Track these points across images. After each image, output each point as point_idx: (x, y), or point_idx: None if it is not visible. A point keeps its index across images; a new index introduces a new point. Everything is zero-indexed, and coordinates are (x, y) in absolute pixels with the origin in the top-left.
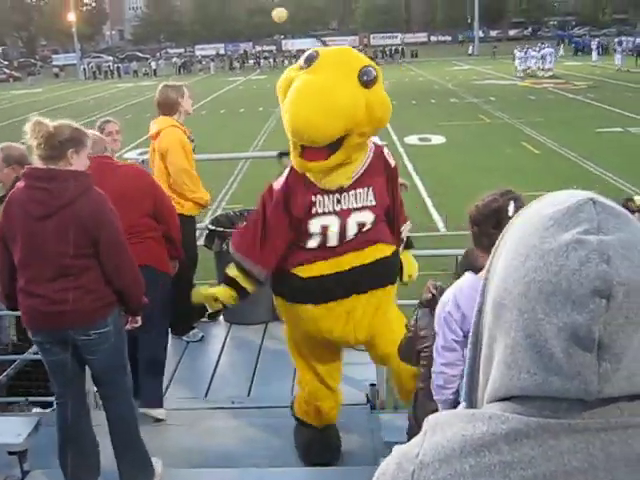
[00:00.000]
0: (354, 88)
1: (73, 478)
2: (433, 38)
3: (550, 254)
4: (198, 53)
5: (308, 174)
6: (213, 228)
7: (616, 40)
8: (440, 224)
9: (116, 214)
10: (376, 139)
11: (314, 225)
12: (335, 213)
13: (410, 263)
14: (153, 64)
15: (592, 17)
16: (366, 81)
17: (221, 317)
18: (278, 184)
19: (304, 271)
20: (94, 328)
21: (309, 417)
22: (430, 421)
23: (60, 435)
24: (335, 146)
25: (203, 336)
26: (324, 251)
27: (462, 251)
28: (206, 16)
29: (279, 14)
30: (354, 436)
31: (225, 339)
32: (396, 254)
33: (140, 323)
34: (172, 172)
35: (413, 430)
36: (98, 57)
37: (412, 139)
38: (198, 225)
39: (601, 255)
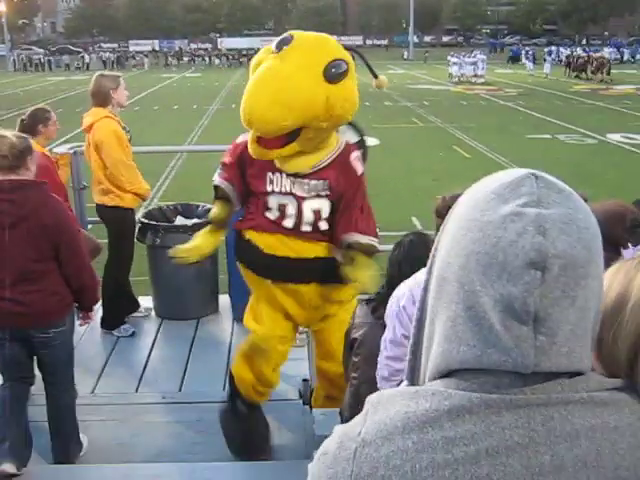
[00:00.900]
0: (315, 82)
1: (11, 452)
2: (368, 42)
3: (489, 226)
4: (132, 48)
5: (249, 142)
6: (146, 222)
7: (546, 50)
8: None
9: (73, 217)
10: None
11: (272, 202)
12: (291, 194)
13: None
14: (86, 58)
15: (524, 27)
16: (331, 75)
17: (152, 312)
18: (240, 139)
19: (264, 245)
20: (54, 327)
21: (244, 384)
22: (372, 400)
23: (3, 415)
24: (291, 136)
25: (134, 331)
26: (279, 227)
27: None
28: (141, 11)
29: (382, 81)
30: (286, 431)
31: (156, 334)
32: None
33: (93, 319)
34: (108, 164)
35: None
36: (29, 49)
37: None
38: None
39: (538, 227)
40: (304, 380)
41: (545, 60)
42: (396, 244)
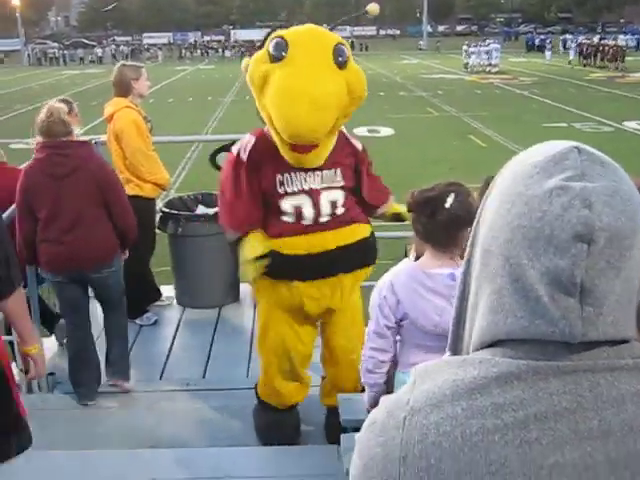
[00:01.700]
0: (334, 74)
1: (85, 387)
2: (382, 32)
3: (534, 200)
4: (146, 41)
5: (282, 151)
6: (167, 211)
7: (568, 37)
8: None
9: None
10: None
11: (286, 204)
12: (305, 192)
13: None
14: (99, 51)
15: (538, 15)
16: (341, 62)
17: (174, 301)
18: (244, 152)
19: (287, 247)
20: (107, 267)
21: (270, 399)
22: (419, 370)
23: (75, 355)
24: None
25: (157, 320)
26: (301, 226)
27: (409, 234)
28: (154, 4)
29: (372, 8)
30: (312, 416)
31: (179, 322)
32: (373, 235)
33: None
34: (128, 154)
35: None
36: (43, 43)
37: (361, 130)
38: None
39: (583, 201)
40: None
41: (567, 48)
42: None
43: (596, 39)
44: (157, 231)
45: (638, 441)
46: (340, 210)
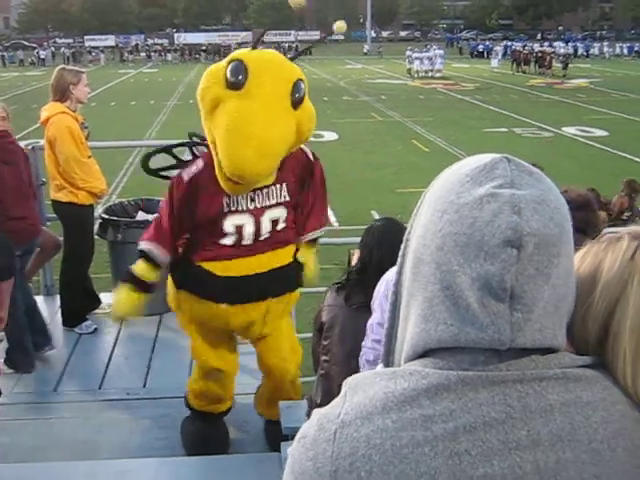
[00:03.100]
0: (288, 117)
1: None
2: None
3: (465, 207)
4: (88, 44)
5: (218, 177)
6: (107, 217)
7: (502, 45)
8: (332, 218)
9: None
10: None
11: (227, 225)
12: (249, 211)
13: (312, 264)
14: (41, 53)
15: (479, 21)
16: (297, 101)
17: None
18: (188, 175)
19: (220, 269)
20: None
21: (201, 403)
22: (350, 382)
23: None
24: None
25: (96, 328)
26: (239, 249)
27: (353, 240)
28: (96, 6)
29: (340, 26)
30: (252, 424)
31: (119, 331)
32: (296, 259)
33: None
34: (61, 161)
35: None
36: None
37: None
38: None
39: (513, 207)
40: None
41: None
42: (367, 230)
43: (537, 46)
44: (96, 237)
45: (567, 450)
46: (280, 226)
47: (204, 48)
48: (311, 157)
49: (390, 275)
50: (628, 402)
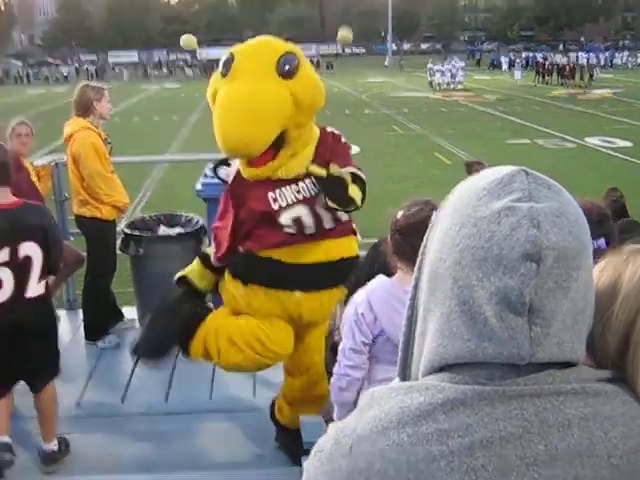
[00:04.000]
0: (274, 84)
1: None
2: (347, 50)
3: (483, 221)
4: (111, 60)
5: (241, 168)
6: (129, 232)
7: (523, 56)
8: None
9: None
10: None
11: (285, 218)
12: (300, 202)
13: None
14: (64, 70)
15: (501, 33)
16: (286, 72)
17: (137, 323)
18: (230, 176)
19: (290, 256)
20: None
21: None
22: (366, 396)
23: None
24: (278, 144)
25: (119, 342)
26: (305, 238)
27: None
28: (120, 22)
29: (344, 35)
30: (272, 439)
31: None
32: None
33: None
34: (85, 176)
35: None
36: (6, 62)
37: None
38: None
39: (531, 220)
40: None
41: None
42: (374, 245)
43: (559, 57)
44: (119, 252)
45: (585, 466)
46: (342, 215)
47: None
48: (336, 132)
49: (357, 299)
50: None
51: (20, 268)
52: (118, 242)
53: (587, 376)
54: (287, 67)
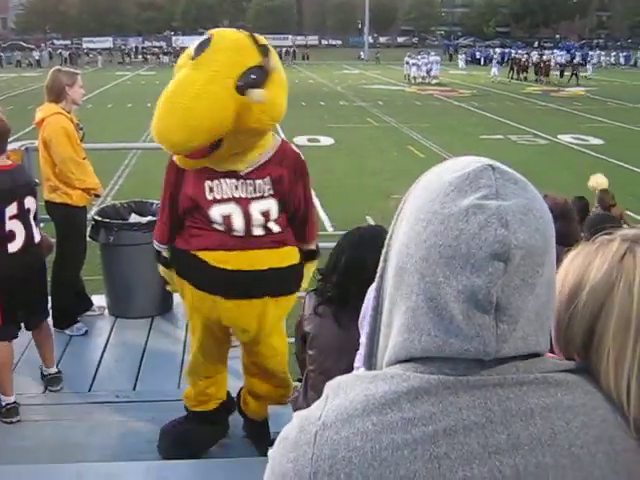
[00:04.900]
0: (226, 96)
1: None
2: (324, 41)
3: (450, 219)
4: (85, 46)
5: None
6: (99, 219)
7: (498, 52)
8: (327, 223)
9: None
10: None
11: (214, 213)
12: (234, 200)
13: (306, 276)
14: (36, 55)
15: (477, 29)
16: (243, 87)
17: (106, 311)
18: (169, 165)
19: (215, 260)
20: None
21: (199, 404)
22: (332, 385)
23: None
24: (215, 145)
25: (87, 330)
26: (233, 240)
27: None
28: (94, 8)
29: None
30: (239, 429)
31: (110, 333)
32: (301, 262)
33: None
34: (57, 162)
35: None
36: None
37: (301, 140)
38: None
39: (500, 219)
40: None
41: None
42: (344, 235)
43: (535, 54)
44: (89, 240)
45: (547, 455)
46: (274, 226)
47: None
48: (302, 157)
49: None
50: (609, 407)
51: (26, 219)
52: (88, 229)
53: (550, 367)
54: (247, 81)
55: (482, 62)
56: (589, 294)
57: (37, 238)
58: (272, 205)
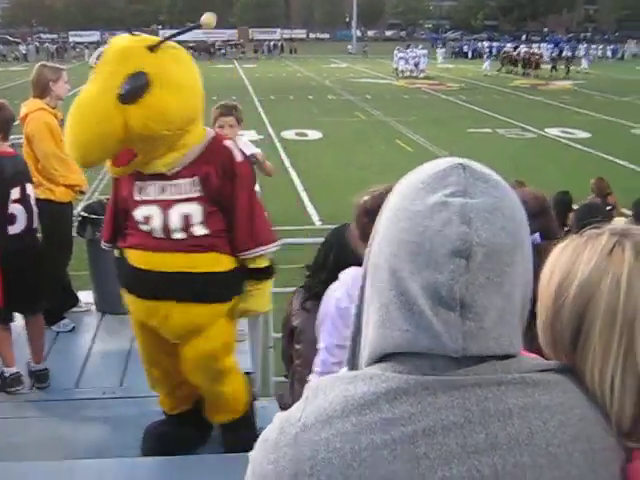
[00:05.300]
0: (111, 108)
1: None
2: (312, 35)
3: (417, 215)
4: (72, 39)
5: None
6: (85, 215)
7: (486, 45)
8: (315, 217)
9: None
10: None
11: (138, 214)
12: (157, 203)
13: (258, 296)
14: (23, 48)
15: (465, 22)
16: (125, 96)
17: (93, 307)
18: None
19: (131, 257)
20: None
21: (173, 408)
22: (311, 386)
23: None
24: (134, 153)
25: (74, 326)
26: (152, 241)
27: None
28: (81, 2)
29: (208, 19)
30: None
31: (97, 329)
32: (235, 272)
33: None
34: (40, 157)
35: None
36: None
37: (289, 133)
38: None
39: (462, 217)
40: (246, 373)
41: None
42: (333, 231)
43: (524, 47)
44: (75, 235)
45: (524, 454)
46: (199, 229)
47: (192, 45)
48: (236, 157)
49: (337, 293)
50: (589, 405)
51: (27, 204)
52: (75, 225)
53: (528, 367)
54: (127, 88)
55: (470, 55)
56: (577, 288)
57: (36, 223)
58: (195, 208)
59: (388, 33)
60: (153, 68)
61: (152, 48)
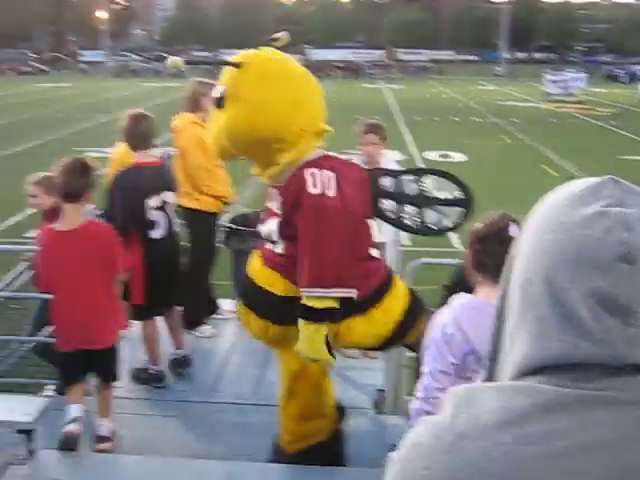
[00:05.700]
0: (214, 116)
1: None
2: (459, 56)
3: (574, 226)
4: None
5: None
6: (231, 226)
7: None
8: (454, 240)
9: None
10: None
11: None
12: (267, 210)
13: (300, 336)
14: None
15: (620, 45)
16: (216, 102)
17: (234, 315)
18: None
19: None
20: None
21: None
22: (459, 393)
23: None
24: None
25: (214, 332)
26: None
27: None
28: (235, 25)
29: (174, 63)
30: (359, 439)
31: (236, 337)
32: (289, 300)
33: None
34: (189, 169)
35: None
36: (125, 55)
37: (432, 155)
38: None
39: (623, 224)
40: (379, 390)
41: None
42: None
43: None
44: (221, 245)
45: None
46: (278, 246)
47: (341, 65)
48: (308, 187)
49: (443, 319)
50: None
51: (167, 211)
52: (221, 236)
53: None
54: (215, 98)
55: (624, 80)
56: None
57: (176, 229)
58: (274, 225)
59: (538, 55)
60: (230, 84)
61: (238, 65)
